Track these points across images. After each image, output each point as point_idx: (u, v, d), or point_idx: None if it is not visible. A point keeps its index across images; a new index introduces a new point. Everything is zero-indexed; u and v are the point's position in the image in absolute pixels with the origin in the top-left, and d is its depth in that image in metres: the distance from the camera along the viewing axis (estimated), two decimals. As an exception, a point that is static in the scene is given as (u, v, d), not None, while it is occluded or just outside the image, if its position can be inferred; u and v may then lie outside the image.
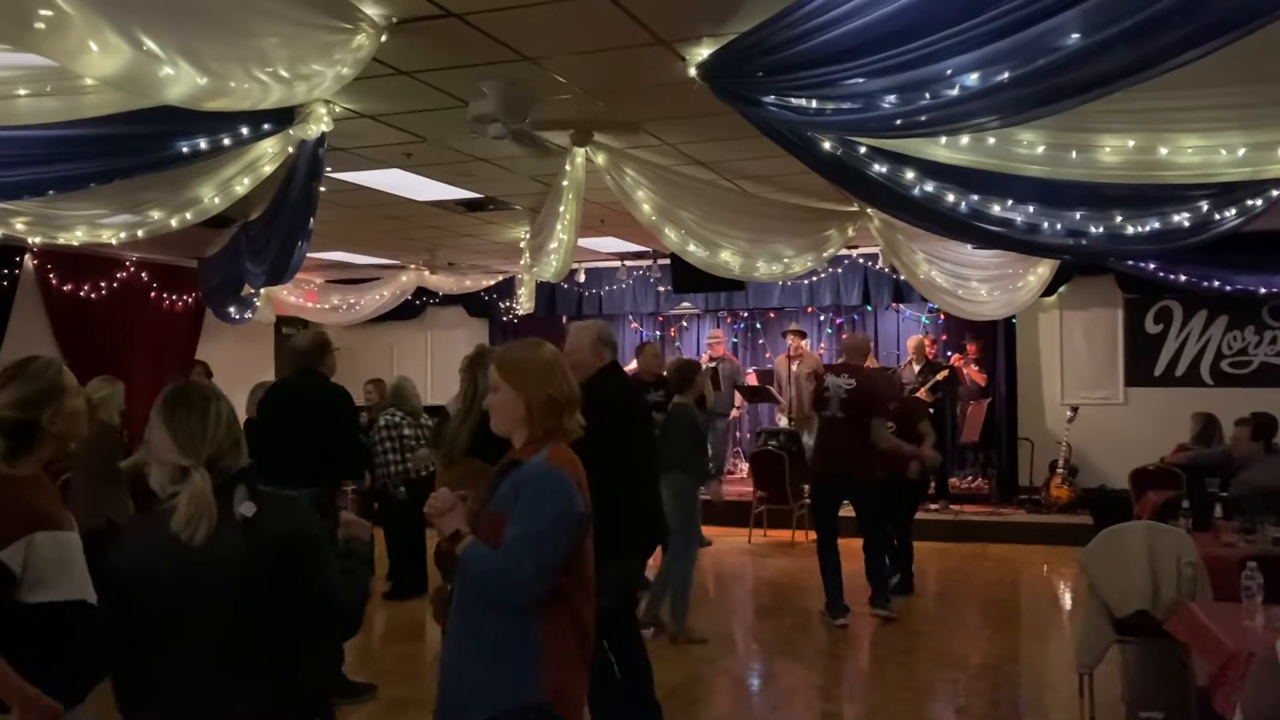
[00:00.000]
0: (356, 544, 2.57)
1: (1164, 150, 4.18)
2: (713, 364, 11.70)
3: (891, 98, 3.46)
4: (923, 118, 3.47)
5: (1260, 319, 11.02)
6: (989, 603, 8.15)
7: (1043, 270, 10.54)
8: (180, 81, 3.24)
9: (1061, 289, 11.37)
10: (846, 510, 7.54)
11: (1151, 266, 10.29)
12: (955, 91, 3.20)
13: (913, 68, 3.30)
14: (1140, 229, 6.16)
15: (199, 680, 2.21)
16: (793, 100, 4.18)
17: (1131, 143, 4.17)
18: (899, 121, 3.54)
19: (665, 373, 7.66)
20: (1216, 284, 10.40)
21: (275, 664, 2.25)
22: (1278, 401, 8.57)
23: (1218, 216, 6.18)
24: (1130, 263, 10.22)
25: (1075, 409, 11.19)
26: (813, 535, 10.42)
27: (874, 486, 7.34)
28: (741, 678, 6.38)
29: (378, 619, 7.79)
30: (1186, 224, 6.17)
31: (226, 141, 5.32)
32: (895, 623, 7.22)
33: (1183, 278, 10.36)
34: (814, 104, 3.96)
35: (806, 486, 10.97)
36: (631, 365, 8.45)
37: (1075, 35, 2.76)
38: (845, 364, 7.56)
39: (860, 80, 3.54)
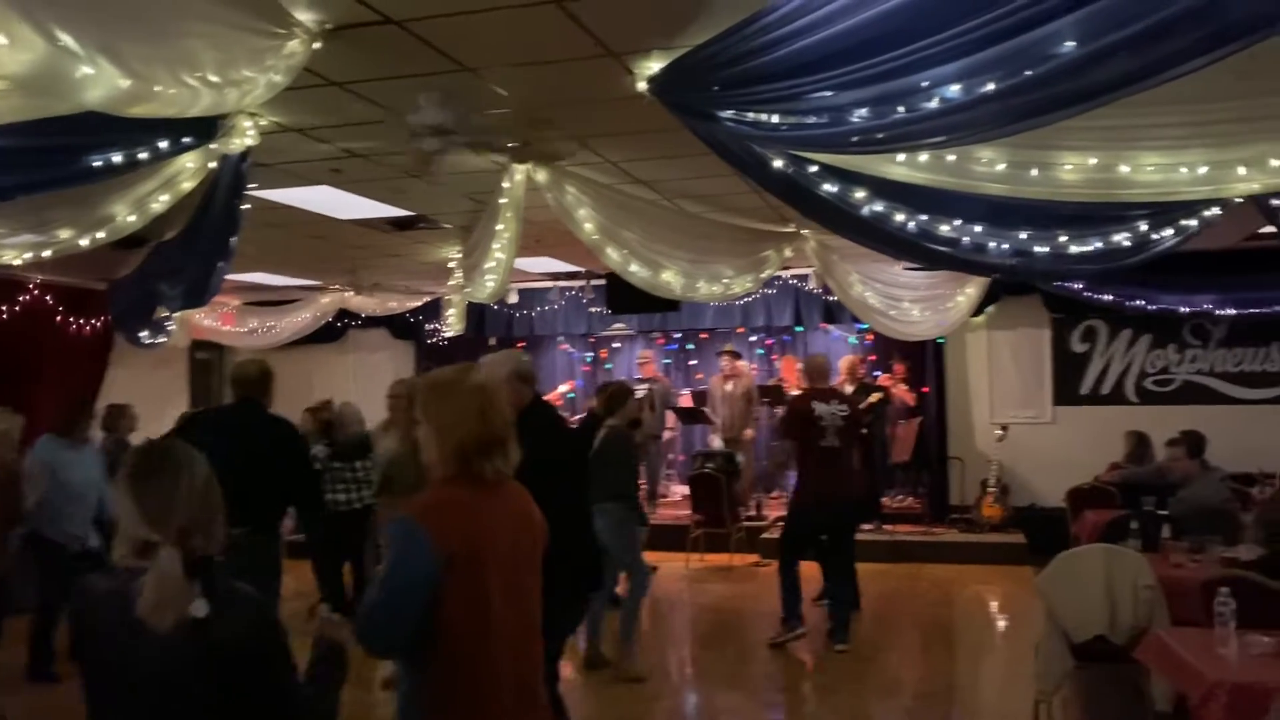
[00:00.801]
0: (331, 646, 2.27)
1: (1125, 168, 4.13)
2: (644, 385, 11.53)
3: (863, 111, 3.32)
4: (897, 132, 3.34)
5: (1181, 338, 11.26)
6: (932, 626, 8.08)
7: (972, 290, 10.64)
8: (100, 83, 2.94)
9: (989, 309, 11.48)
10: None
11: (1078, 286, 10.43)
12: (934, 104, 3.07)
13: (886, 79, 3.16)
14: (1084, 248, 6.17)
15: None
16: (751, 115, 4.03)
17: (1093, 160, 4.11)
18: (878, 135, 3.40)
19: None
20: (1140, 303, 10.58)
21: None
22: (1199, 418, 8.75)
23: (1155, 236, 6.23)
24: (1057, 283, 10.36)
25: (1005, 428, 11.29)
26: (749, 559, 10.39)
27: (857, 514, 7.30)
28: (686, 714, 6.17)
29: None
30: (1127, 243, 6.21)
31: (143, 156, 4.95)
32: (841, 651, 7.09)
33: (1108, 297, 10.52)
34: (776, 119, 3.81)
35: (742, 510, 10.93)
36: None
37: (1071, 43, 2.65)
38: (829, 389, 7.43)
39: (828, 93, 3.40)
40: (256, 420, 5.12)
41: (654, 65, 4.66)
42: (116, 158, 4.79)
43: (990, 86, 2.91)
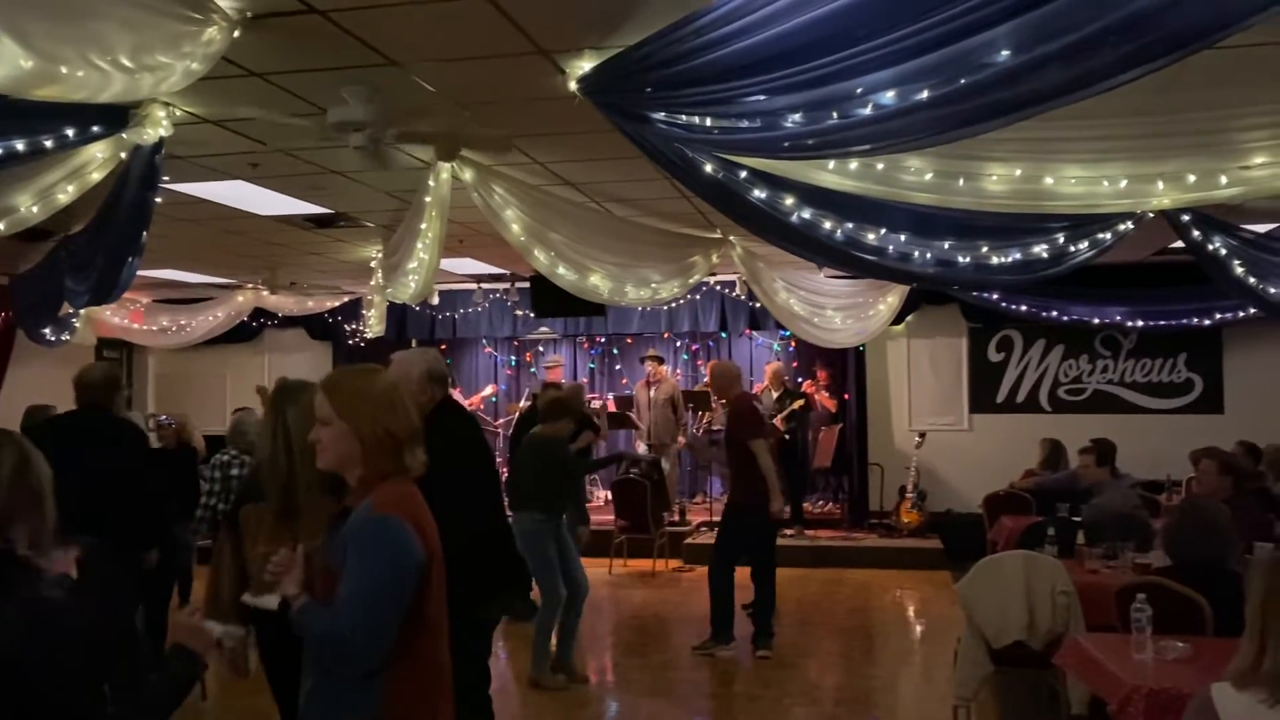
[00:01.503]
0: (177, 659, 2.08)
1: (1049, 180, 4.21)
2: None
3: (796, 116, 3.31)
4: (830, 138, 3.33)
5: (1093, 348, 11.57)
6: (853, 631, 8.14)
7: (892, 299, 10.81)
8: (1, 62, 2.78)
9: (909, 318, 11.69)
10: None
11: (995, 296, 10.68)
12: (868, 110, 3.07)
13: (820, 85, 3.15)
14: (1004, 259, 6.29)
15: None
16: (683, 117, 4.00)
17: (1018, 171, 4.18)
18: (809, 141, 3.39)
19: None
20: (1054, 314, 10.86)
21: None
22: (1110, 427, 8.96)
23: (1072, 249, 6.38)
24: (975, 293, 10.58)
25: (923, 435, 11.47)
26: (673, 564, 10.37)
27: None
28: (613, 720, 6.12)
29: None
30: (1045, 255, 6.35)
31: (49, 144, 4.73)
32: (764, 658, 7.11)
33: (1023, 308, 10.79)
34: (708, 122, 3.78)
35: (666, 515, 10.91)
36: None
37: (1005, 52, 2.67)
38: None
39: (762, 97, 3.38)
40: (102, 428, 4.86)
41: (586, 64, 4.60)
42: (19, 145, 4.57)
43: (924, 94, 2.91)
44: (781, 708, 6.05)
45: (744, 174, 5.03)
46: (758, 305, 11.19)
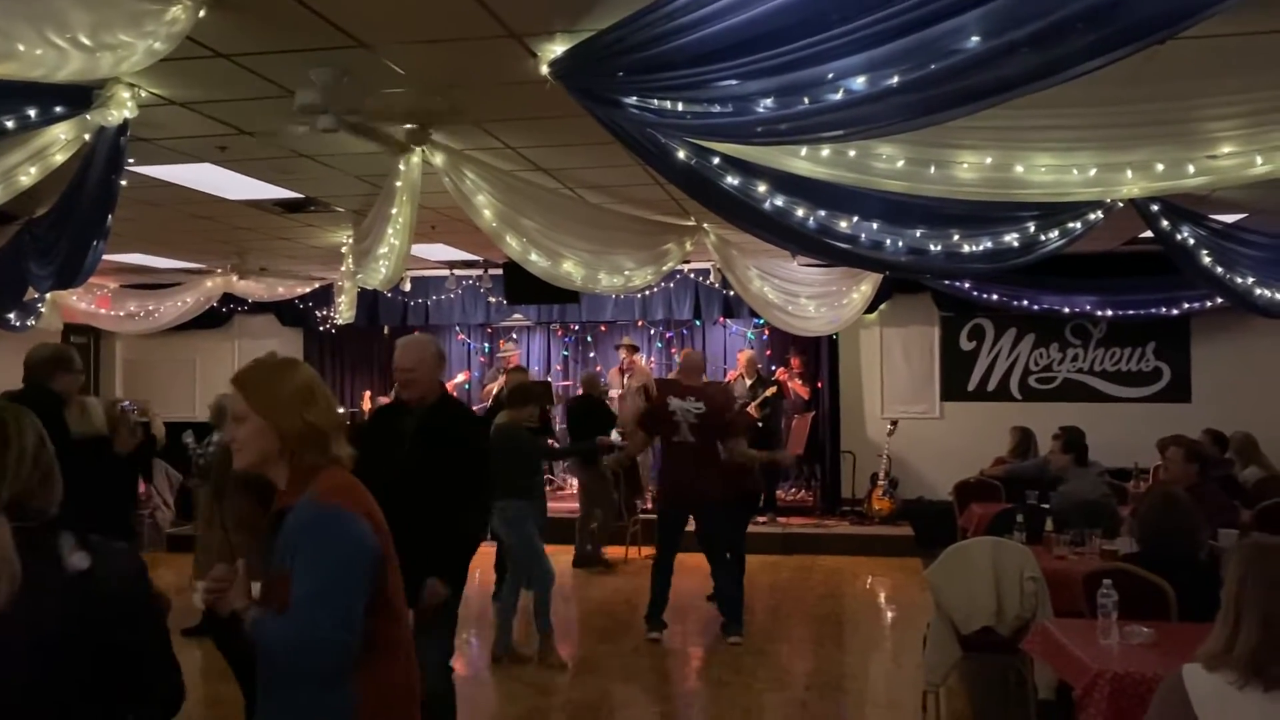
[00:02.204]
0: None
1: (1019, 168, 4.22)
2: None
3: (768, 101, 3.30)
4: (802, 123, 3.32)
5: (1063, 337, 11.66)
6: (823, 617, 8.18)
7: (865, 288, 10.84)
8: (-46, 39, 2.72)
9: (882, 306, 11.72)
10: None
11: (966, 285, 10.74)
12: (839, 96, 3.06)
13: (791, 70, 3.14)
14: (975, 248, 6.32)
15: None
16: (655, 102, 3.97)
17: (989, 159, 4.18)
18: (781, 126, 3.38)
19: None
20: (1025, 303, 10.94)
21: None
22: (1079, 415, 9.04)
23: (1043, 238, 6.42)
24: (947, 282, 10.63)
25: (895, 422, 11.53)
26: (646, 551, 10.37)
27: (722, 509, 7.19)
28: (583, 708, 6.10)
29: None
30: (1016, 244, 6.39)
31: (10, 124, 4.64)
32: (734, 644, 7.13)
33: (995, 296, 10.86)
34: (680, 106, 3.76)
35: (639, 502, 10.90)
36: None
37: (975, 38, 2.66)
38: (689, 385, 7.34)
39: (733, 82, 3.36)
40: (44, 410, 4.76)
41: (557, 48, 4.56)
42: (-21, 125, 4.48)
43: (895, 79, 2.90)
44: (752, 693, 6.07)
45: (716, 160, 5.02)
46: (731, 293, 11.20)
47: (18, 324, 10.41)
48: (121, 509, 6.22)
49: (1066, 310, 11.06)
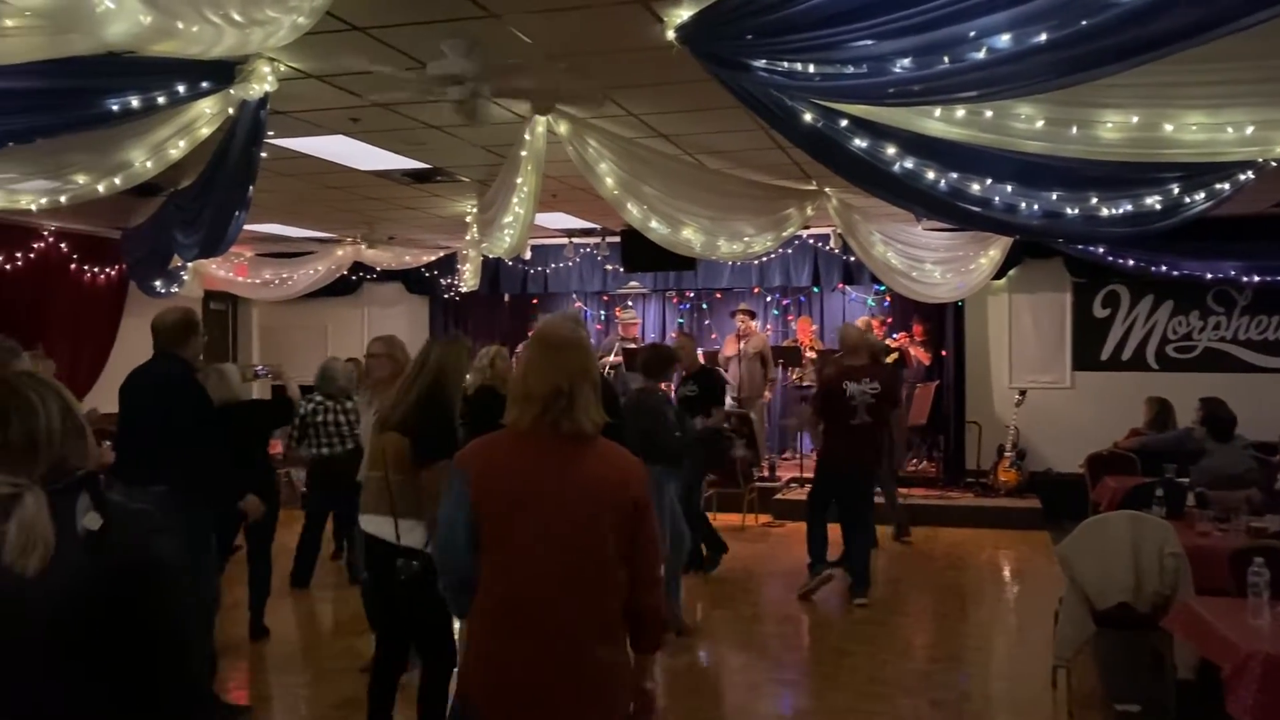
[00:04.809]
0: None
1: (1169, 127, 4.01)
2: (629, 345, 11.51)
3: (905, 61, 3.21)
4: (939, 84, 3.23)
5: (1205, 304, 11.12)
6: (945, 589, 8.05)
7: (994, 253, 10.52)
8: (121, 18, 2.85)
9: (1011, 272, 11.37)
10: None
11: (1101, 250, 10.31)
12: (981, 55, 2.96)
13: (931, 29, 3.05)
14: (1114, 211, 6.06)
15: None
16: (784, 64, 3.91)
17: (1135, 118, 3.99)
18: (915, 88, 3.29)
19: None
20: (1164, 269, 10.45)
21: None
22: (1220, 386, 8.67)
23: (1187, 200, 6.10)
24: (1081, 246, 10.23)
25: (1023, 392, 11.19)
26: (763, 519, 10.38)
27: (872, 476, 7.52)
28: (703, 674, 6.16)
29: (319, 609, 7.44)
30: (1158, 207, 6.08)
31: (161, 100, 4.88)
32: (855, 613, 7.09)
33: (1131, 262, 10.40)
34: (811, 68, 3.69)
35: (756, 470, 10.88)
36: None
37: (1132, -9, 2.54)
38: (858, 366, 7.39)
39: (869, 42, 3.28)
40: (164, 373, 4.72)
41: (684, 13, 4.53)
42: (134, 101, 4.71)
43: (1043, 37, 2.79)
44: (874, 663, 6.02)
45: (844, 123, 4.92)
46: (852, 259, 11.02)
47: (163, 291, 10.94)
48: (262, 469, 6.53)
49: (1209, 276, 10.52)
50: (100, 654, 1.80)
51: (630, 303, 13.59)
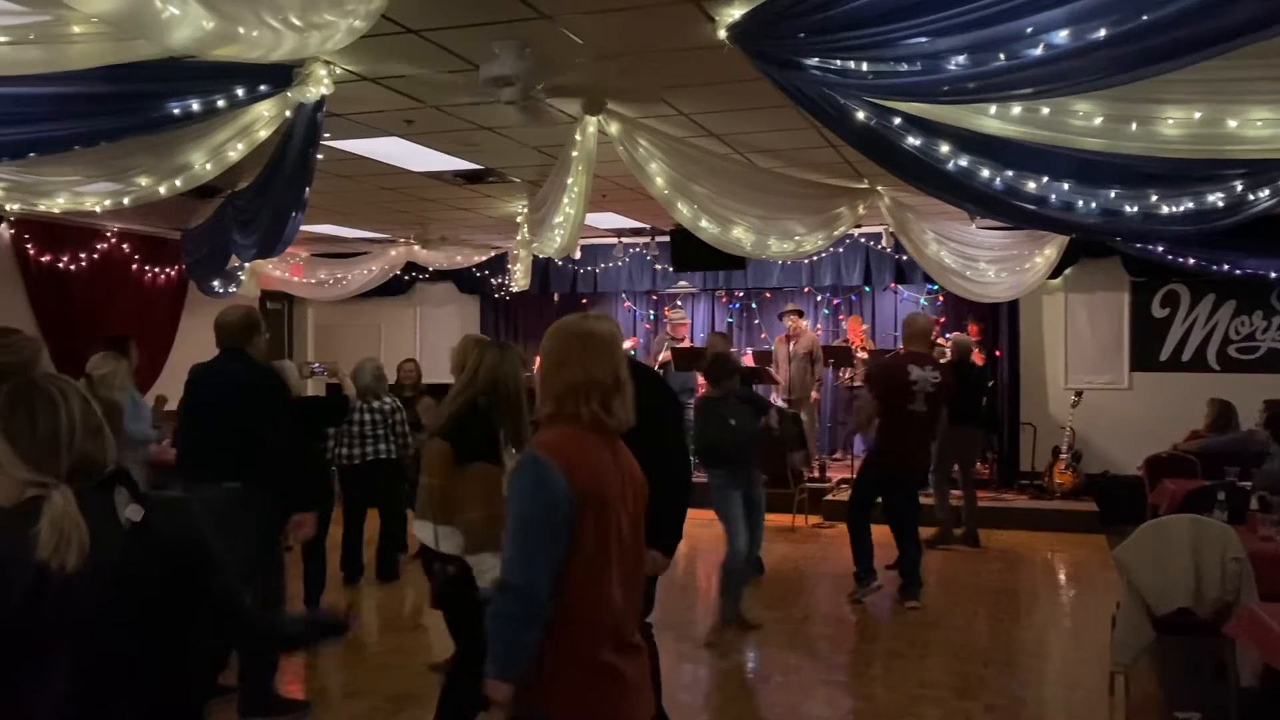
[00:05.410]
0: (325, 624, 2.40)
1: (1232, 123, 3.92)
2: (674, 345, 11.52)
3: (960, 59, 3.17)
4: (995, 80, 3.19)
5: (1268, 304, 10.87)
6: (999, 592, 7.94)
7: (1050, 252, 10.36)
8: (186, 24, 2.92)
9: (1067, 271, 11.19)
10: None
11: (1160, 249, 10.09)
12: (1039, 51, 2.92)
13: (987, 25, 3.01)
14: (1174, 209, 5.94)
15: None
16: (837, 63, 3.89)
17: (1197, 114, 3.91)
18: (970, 85, 3.25)
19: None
20: (1225, 268, 10.21)
21: (153, 685, 2.00)
22: (1284, 388, 8.45)
23: (1251, 197, 5.96)
24: (1139, 245, 10.03)
25: (1079, 393, 11.01)
26: (813, 519, 10.32)
27: (923, 476, 7.56)
28: (755, 674, 6.15)
29: (369, 604, 7.53)
30: (1220, 204, 5.95)
31: (221, 103, 4.98)
32: (907, 615, 7.02)
33: (1191, 261, 10.17)
34: (864, 66, 3.67)
35: (806, 471, 10.81)
36: None
37: (1196, -17, 2.49)
38: (923, 353, 7.36)
39: (923, 40, 3.25)
40: (236, 373, 4.78)
41: (736, 12, 4.52)
42: (195, 104, 4.81)
43: (1102, 33, 2.74)
44: (925, 666, 5.97)
45: (897, 120, 4.88)
46: (904, 258, 10.91)
47: (221, 290, 11.16)
48: (319, 466, 6.64)
49: (1274, 275, 10.25)
50: (165, 618, 2.00)
51: (679, 302, 13.59)
